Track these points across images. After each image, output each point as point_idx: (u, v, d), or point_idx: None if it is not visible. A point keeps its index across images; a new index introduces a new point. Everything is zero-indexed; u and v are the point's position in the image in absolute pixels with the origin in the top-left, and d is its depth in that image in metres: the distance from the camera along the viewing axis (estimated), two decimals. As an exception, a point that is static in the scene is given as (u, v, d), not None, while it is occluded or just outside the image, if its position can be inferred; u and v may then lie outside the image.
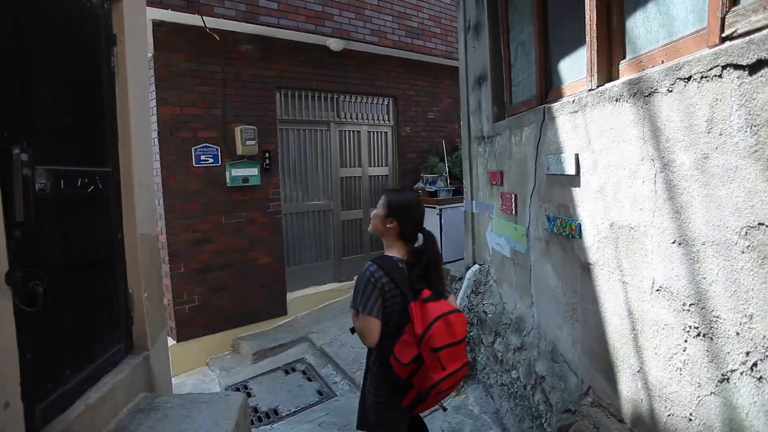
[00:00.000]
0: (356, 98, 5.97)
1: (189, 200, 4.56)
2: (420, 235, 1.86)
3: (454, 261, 5.99)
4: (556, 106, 2.20)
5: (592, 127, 1.86)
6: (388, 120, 6.34)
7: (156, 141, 4.39)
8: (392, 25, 5.77)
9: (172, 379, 4.85)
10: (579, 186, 1.97)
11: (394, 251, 1.83)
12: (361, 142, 6.09)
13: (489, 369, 3.22)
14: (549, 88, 2.54)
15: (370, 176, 6.23)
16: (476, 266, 3.92)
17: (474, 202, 3.99)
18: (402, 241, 1.84)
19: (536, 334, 2.57)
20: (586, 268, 1.97)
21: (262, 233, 5.04)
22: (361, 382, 2.01)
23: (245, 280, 4.96)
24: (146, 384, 2.18)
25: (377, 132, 6.27)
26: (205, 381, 4.58)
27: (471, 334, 3.52)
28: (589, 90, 1.91)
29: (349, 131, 5.96)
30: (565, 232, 2.09)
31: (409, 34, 6.01)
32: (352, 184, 6.05)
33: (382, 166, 6.35)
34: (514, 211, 2.85)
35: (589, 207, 1.91)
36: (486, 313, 3.35)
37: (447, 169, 6.40)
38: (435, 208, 6.11)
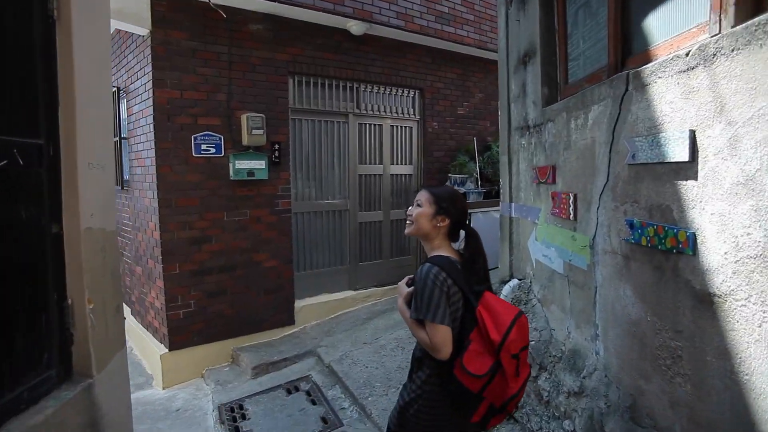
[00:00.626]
0: (378, 89, 5.41)
1: (187, 194, 4.07)
2: (461, 233, 1.69)
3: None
4: (649, 68, 1.59)
5: (727, 87, 1.25)
6: (414, 114, 5.77)
7: (151, 127, 3.92)
8: (420, 8, 5.21)
9: (164, 391, 4.39)
10: (695, 178, 1.36)
11: (444, 252, 1.61)
12: (383, 137, 5.53)
13: (530, 409, 2.60)
14: (627, 55, 1.93)
15: (392, 175, 5.67)
16: (514, 281, 3.31)
17: (513, 204, 3.38)
18: (449, 241, 1.66)
19: (602, 378, 1.95)
20: (705, 301, 1.36)
21: (269, 233, 4.52)
22: (371, 409, 1.80)
23: (248, 285, 4.44)
24: (87, 423, 1.65)
25: (401, 127, 5.70)
26: (197, 396, 4.07)
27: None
28: (714, 36, 1.30)
29: (369, 125, 5.41)
30: (665, 245, 1.48)
31: (439, 20, 5.43)
32: (371, 183, 5.49)
33: (405, 164, 5.78)
34: (571, 215, 2.24)
35: (718, 209, 1.31)
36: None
37: (478, 169, 5.78)
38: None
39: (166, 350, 4.09)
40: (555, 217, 2.48)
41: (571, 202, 2.24)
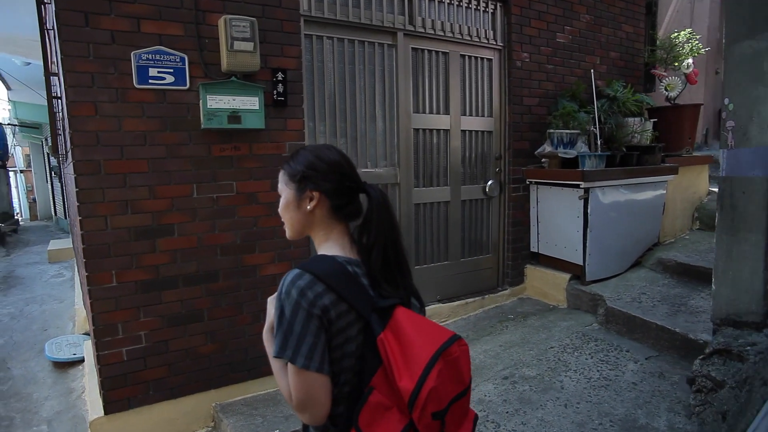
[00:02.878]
0: (442, -2, 3.54)
1: (125, 152, 2.40)
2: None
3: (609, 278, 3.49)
4: None
5: None
6: (494, 39, 3.83)
7: (53, 32, 2.26)
8: None
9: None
10: None
11: (334, 246, 1.07)
12: (450, 73, 3.64)
13: None
14: None
15: (464, 131, 3.78)
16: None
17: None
18: (341, 225, 1.09)
19: None
20: None
21: (269, 221, 2.79)
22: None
23: (236, 304, 2.74)
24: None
25: (476, 58, 3.79)
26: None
27: None
28: None
29: (428, 51, 3.53)
30: None
31: None
32: (432, 143, 3.63)
33: (481, 115, 3.87)
34: None
35: None
36: None
37: (597, 121, 3.77)
38: (577, 187, 3.57)
39: (100, 414, 2.46)
40: None
41: None
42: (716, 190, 4.95)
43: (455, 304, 3.68)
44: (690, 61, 4.46)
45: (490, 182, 3.89)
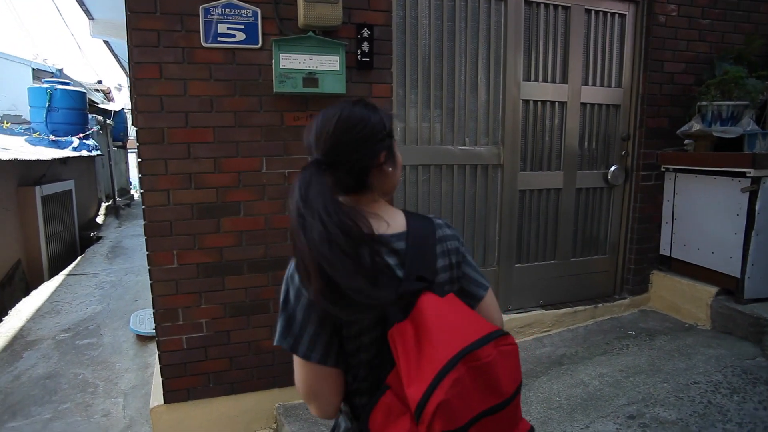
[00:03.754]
0: (566, -61, 2.86)
1: (191, 121, 2.14)
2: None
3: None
4: None
5: None
6: (630, -11, 3.08)
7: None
8: None
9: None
10: None
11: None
12: (571, 31, 2.97)
13: None
14: None
15: (584, 104, 3.09)
16: None
17: None
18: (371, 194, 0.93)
19: None
20: None
21: (347, 202, 2.40)
22: None
23: (307, 296, 2.41)
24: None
25: (604, 13, 3.06)
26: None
27: None
28: None
29: (545, 5, 2.90)
30: None
31: None
32: (544, 118, 3.01)
33: (607, 85, 3.15)
34: None
35: None
36: None
37: (771, 89, 2.89)
38: (740, 176, 2.77)
39: (160, 402, 2.28)
40: None
41: None
42: None
43: (561, 311, 3.07)
44: None
45: (613, 168, 3.17)
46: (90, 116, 8.17)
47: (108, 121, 10.09)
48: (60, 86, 7.38)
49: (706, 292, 3.01)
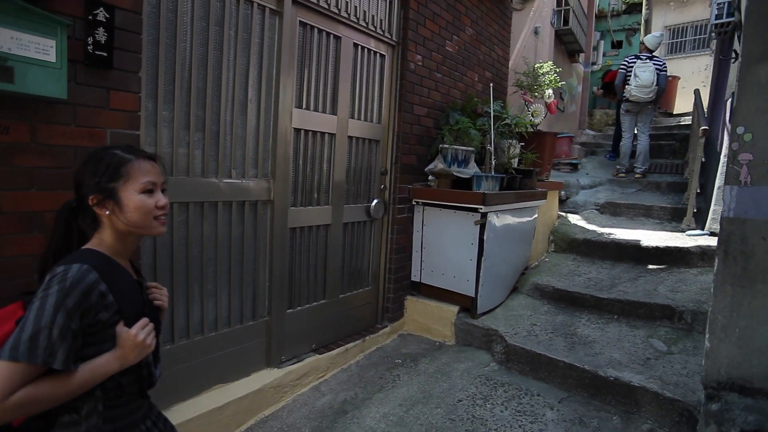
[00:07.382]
0: (335, -33, 2.77)
1: None
2: None
3: (495, 308, 3.15)
4: None
5: None
6: (389, 32, 3.22)
7: None
8: None
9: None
10: None
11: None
12: (341, 62, 2.89)
13: None
14: None
15: (351, 138, 3.05)
16: None
17: None
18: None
19: None
20: None
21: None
22: None
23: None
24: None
25: (368, 51, 3.11)
26: None
27: None
28: None
29: (319, 31, 2.72)
30: None
31: None
32: (315, 149, 2.81)
33: (369, 120, 3.20)
34: None
35: None
36: None
37: (492, 139, 3.46)
38: (473, 211, 3.19)
39: None
40: None
41: None
42: (563, 214, 5.42)
43: (334, 353, 2.92)
44: (551, 91, 4.59)
45: (375, 201, 3.25)
46: None
47: None
48: None
49: (450, 311, 3.38)
